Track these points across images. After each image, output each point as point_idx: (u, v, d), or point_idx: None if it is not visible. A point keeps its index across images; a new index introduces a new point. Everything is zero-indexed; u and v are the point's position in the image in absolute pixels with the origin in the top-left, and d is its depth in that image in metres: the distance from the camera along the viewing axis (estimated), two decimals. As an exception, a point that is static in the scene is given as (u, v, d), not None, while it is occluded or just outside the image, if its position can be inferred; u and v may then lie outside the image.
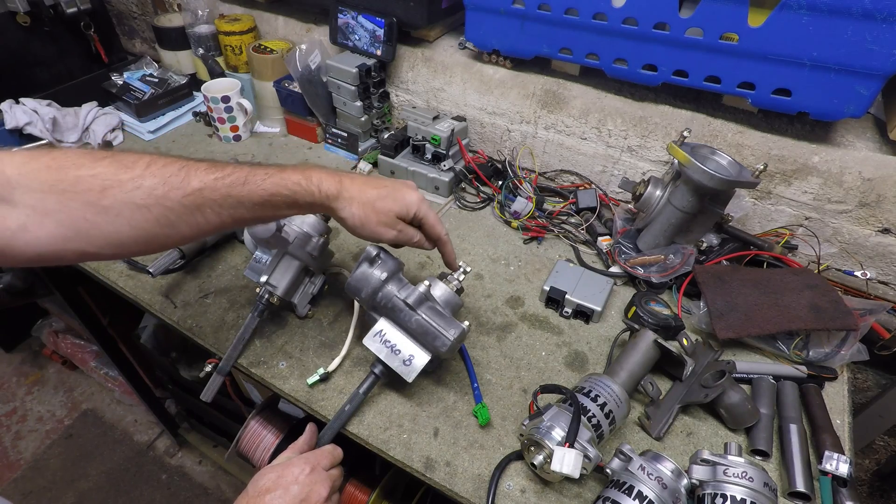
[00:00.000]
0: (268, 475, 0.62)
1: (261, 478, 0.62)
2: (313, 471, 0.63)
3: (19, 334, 2.26)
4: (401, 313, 0.74)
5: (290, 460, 0.64)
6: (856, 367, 1.10)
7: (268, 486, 0.61)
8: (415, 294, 0.73)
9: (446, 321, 0.73)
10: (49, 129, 1.22)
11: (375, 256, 0.75)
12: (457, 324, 0.73)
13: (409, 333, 0.74)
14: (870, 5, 0.74)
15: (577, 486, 0.69)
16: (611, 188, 1.16)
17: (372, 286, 0.75)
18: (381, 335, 0.74)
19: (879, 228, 0.93)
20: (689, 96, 1.05)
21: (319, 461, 0.65)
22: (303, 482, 0.61)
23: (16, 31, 1.45)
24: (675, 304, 0.92)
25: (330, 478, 0.64)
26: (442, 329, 0.72)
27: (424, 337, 0.73)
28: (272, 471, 0.63)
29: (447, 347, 0.71)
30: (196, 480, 1.91)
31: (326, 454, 0.67)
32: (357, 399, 0.74)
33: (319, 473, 0.63)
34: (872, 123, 1.00)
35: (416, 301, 0.73)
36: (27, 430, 2.02)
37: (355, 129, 1.27)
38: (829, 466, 0.66)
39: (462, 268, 0.80)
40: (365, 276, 0.75)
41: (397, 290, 0.74)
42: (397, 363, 0.73)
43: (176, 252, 0.91)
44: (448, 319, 0.73)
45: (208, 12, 1.42)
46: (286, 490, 0.60)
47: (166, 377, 1.67)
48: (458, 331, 0.72)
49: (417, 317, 0.72)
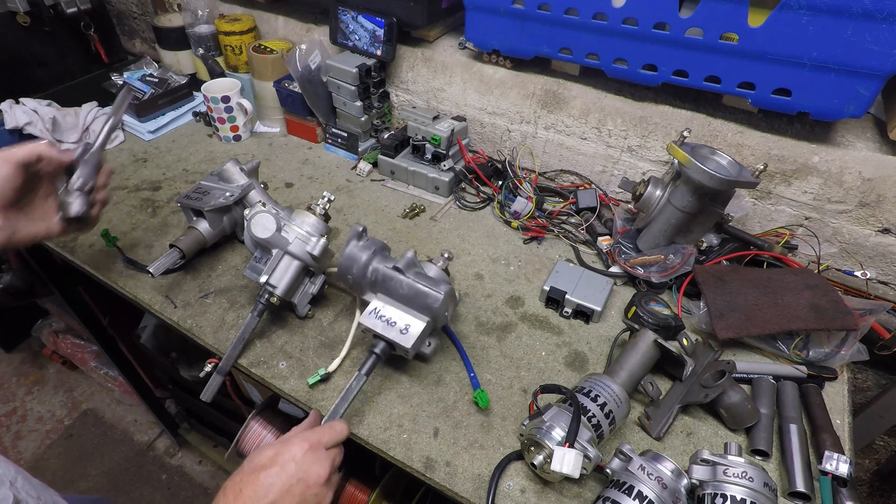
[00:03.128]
0: (265, 452, 0.59)
1: (258, 454, 0.59)
2: (312, 449, 0.59)
3: (19, 334, 2.26)
4: (391, 281, 0.76)
5: (289, 438, 0.61)
6: (856, 367, 1.10)
7: (264, 463, 0.57)
8: (403, 259, 0.76)
9: (435, 281, 0.76)
10: (49, 128, 1.22)
11: (362, 233, 0.79)
12: (446, 283, 0.76)
13: (402, 301, 0.77)
14: (870, 5, 0.74)
15: (577, 486, 0.69)
16: (611, 188, 1.16)
17: (362, 262, 0.78)
18: (376, 311, 0.77)
19: (879, 228, 0.93)
20: (689, 96, 1.05)
21: (321, 438, 0.61)
22: (300, 460, 0.58)
23: (16, 31, 1.45)
24: (675, 304, 0.92)
25: (329, 456, 0.61)
26: (432, 287, 0.74)
27: (416, 299, 0.75)
28: (270, 448, 0.59)
29: (439, 303, 0.73)
30: (196, 480, 1.91)
31: (327, 430, 0.63)
32: (360, 380, 0.73)
33: (318, 452, 0.60)
34: (872, 123, 1.00)
35: (406, 265, 0.76)
36: (27, 430, 2.02)
37: (355, 129, 1.27)
38: (829, 466, 0.66)
39: (445, 254, 0.81)
40: (354, 254, 0.78)
41: (386, 262, 0.78)
42: (394, 333, 0.75)
43: (176, 252, 0.91)
44: (437, 280, 0.76)
45: (208, 12, 1.42)
46: (283, 468, 0.57)
47: (166, 377, 1.67)
48: (448, 287, 0.75)
49: (407, 279, 0.75)
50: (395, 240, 1.07)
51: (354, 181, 1.24)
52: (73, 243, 1.03)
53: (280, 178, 1.24)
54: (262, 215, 0.84)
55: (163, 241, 1.04)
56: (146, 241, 1.04)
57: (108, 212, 1.10)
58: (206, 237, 0.95)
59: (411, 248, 0.78)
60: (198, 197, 0.95)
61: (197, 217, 0.96)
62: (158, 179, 1.21)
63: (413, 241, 1.07)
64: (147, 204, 1.13)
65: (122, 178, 1.21)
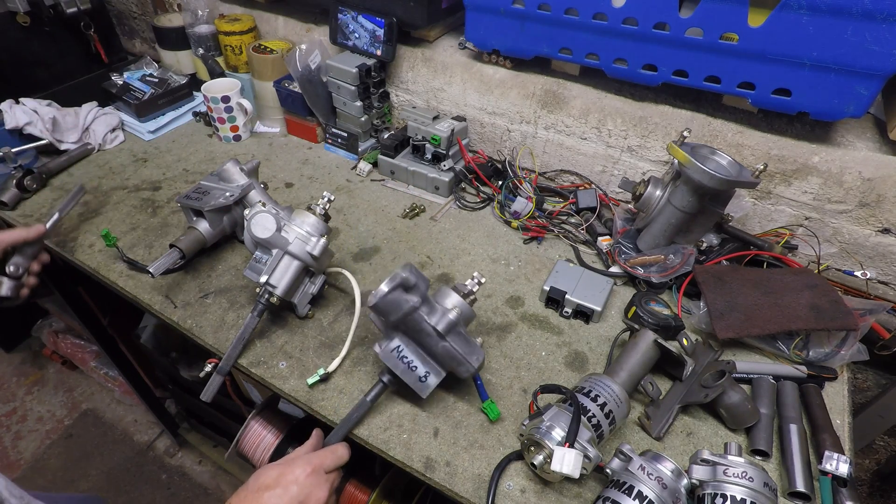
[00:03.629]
0: (269, 472, 0.62)
1: (262, 474, 0.62)
2: (314, 472, 0.63)
3: (19, 334, 2.26)
4: (428, 338, 0.72)
5: (292, 459, 0.64)
6: (856, 367, 1.10)
7: (268, 483, 0.60)
8: (445, 321, 0.71)
9: (470, 347, 0.73)
10: (49, 129, 1.22)
11: (414, 286, 0.70)
12: (478, 350, 0.74)
13: (430, 355, 0.74)
14: (870, 5, 0.74)
15: (577, 486, 0.69)
16: (611, 188, 1.16)
17: (403, 312, 0.70)
18: (398, 351, 0.74)
19: (879, 228, 0.93)
20: (689, 96, 1.05)
21: (323, 462, 0.65)
22: (302, 483, 0.61)
23: (16, 31, 1.45)
24: (675, 304, 0.92)
25: (329, 480, 0.64)
26: (467, 357, 0.72)
27: (448, 362, 0.73)
28: (274, 468, 0.63)
29: (469, 374, 0.73)
30: (196, 480, 1.91)
31: (329, 454, 0.67)
32: (364, 406, 0.74)
33: (320, 475, 0.63)
34: (872, 123, 1.00)
35: (446, 329, 0.71)
36: (27, 430, 2.02)
37: (355, 129, 1.27)
38: (829, 466, 0.66)
39: (476, 278, 0.77)
40: (398, 302, 0.70)
41: (427, 313, 0.71)
42: (412, 379, 0.73)
43: (176, 252, 0.91)
44: (471, 346, 0.73)
45: (208, 12, 1.42)
46: (285, 489, 0.60)
47: (166, 377, 1.67)
48: (481, 358, 0.73)
49: (445, 343, 0.72)
50: (395, 240, 1.07)
51: (354, 181, 1.24)
52: (73, 243, 1.03)
53: (280, 178, 1.24)
54: (262, 215, 0.84)
55: (163, 241, 1.04)
56: (146, 241, 1.04)
57: (109, 212, 1.10)
58: (206, 237, 0.95)
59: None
60: (198, 197, 0.95)
61: (197, 217, 0.96)
62: (158, 179, 1.21)
63: (413, 241, 1.07)
64: (147, 204, 1.13)
65: (122, 178, 1.21)
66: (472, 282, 0.77)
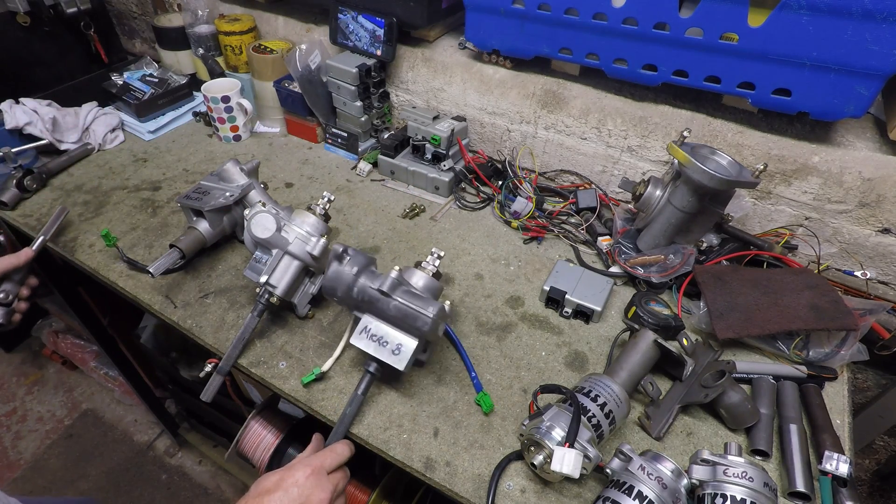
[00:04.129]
0: (270, 478, 0.62)
1: (263, 480, 0.62)
2: (315, 473, 0.63)
3: (19, 334, 2.26)
4: (378, 303, 0.74)
5: (293, 464, 0.64)
6: (856, 367, 1.10)
7: (268, 488, 0.61)
8: (387, 280, 0.73)
9: (423, 301, 0.73)
10: (49, 129, 1.22)
11: (342, 253, 0.75)
12: (435, 302, 0.73)
13: (391, 323, 0.75)
14: (870, 5, 0.74)
15: (577, 486, 0.69)
16: (611, 188, 1.16)
17: (345, 283, 0.74)
18: (367, 330, 0.75)
19: (879, 228, 0.93)
20: (689, 96, 1.05)
21: (322, 462, 0.65)
22: (303, 485, 0.61)
23: (16, 31, 1.45)
24: (675, 304, 0.92)
25: (332, 480, 0.64)
26: (420, 309, 0.72)
27: (405, 321, 0.73)
28: (275, 474, 0.63)
29: (428, 326, 0.71)
30: (196, 480, 1.91)
31: (329, 454, 0.67)
32: (357, 400, 0.74)
33: (321, 476, 0.63)
34: (872, 123, 1.00)
35: (390, 287, 0.73)
36: (27, 430, 2.02)
37: (355, 129, 1.27)
38: (829, 466, 0.66)
39: (435, 253, 0.80)
40: (337, 275, 0.75)
41: (370, 282, 0.74)
42: (386, 354, 0.73)
43: (176, 252, 0.91)
44: (425, 299, 0.74)
45: (208, 12, 1.42)
46: (286, 492, 0.60)
47: (166, 377, 1.67)
48: (437, 308, 0.72)
49: (395, 302, 0.73)
50: (395, 240, 1.07)
51: (354, 181, 1.24)
52: (73, 243, 1.03)
53: (280, 178, 1.24)
54: (262, 215, 0.84)
55: (163, 241, 1.04)
56: (146, 241, 1.04)
57: (109, 212, 1.10)
58: (206, 237, 0.95)
59: (396, 264, 0.76)
60: (198, 197, 0.95)
61: (197, 217, 0.96)
62: (158, 179, 1.21)
63: (413, 241, 1.07)
64: (147, 204, 1.13)
65: (122, 178, 1.21)
66: (432, 257, 0.79)
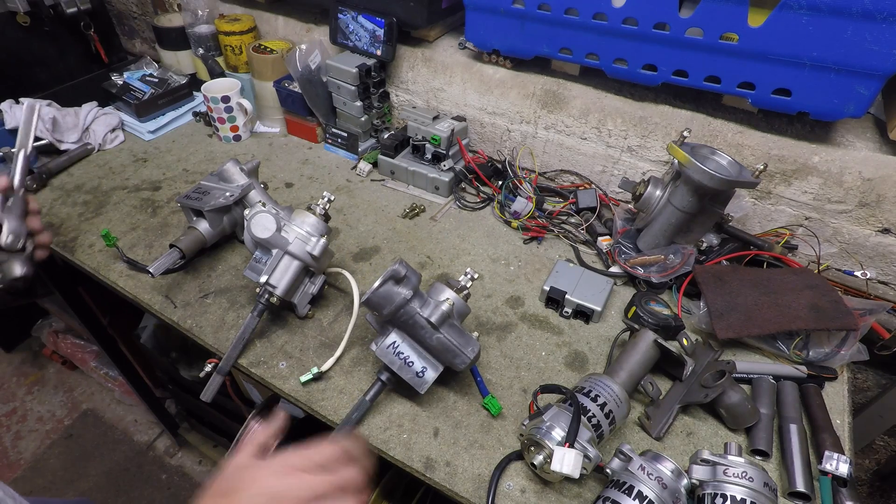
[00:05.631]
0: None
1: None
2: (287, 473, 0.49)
3: (19, 334, 2.26)
4: (422, 330, 0.72)
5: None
6: (856, 367, 1.10)
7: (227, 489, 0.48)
8: (438, 313, 0.71)
9: (464, 339, 0.73)
10: (49, 129, 1.22)
11: (404, 277, 0.71)
12: (473, 341, 0.74)
13: (425, 348, 0.74)
14: (870, 5, 0.74)
15: (577, 486, 0.69)
16: (611, 188, 1.16)
17: (395, 304, 0.71)
18: (395, 347, 0.74)
19: (879, 228, 0.93)
20: (689, 96, 1.05)
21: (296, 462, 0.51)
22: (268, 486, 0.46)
23: (16, 31, 1.45)
24: (675, 304, 0.92)
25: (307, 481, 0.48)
26: (461, 348, 0.72)
27: (443, 354, 0.73)
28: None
29: (465, 365, 0.73)
30: (196, 480, 1.91)
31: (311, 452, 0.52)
32: (363, 406, 0.74)
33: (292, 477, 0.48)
34: (872, 123, 1.00)
35: (440, 320, 0.72)
36: (27, 430, 2.02)
37: (355, 129, 1.27)
38: (829, 466, 0.66)
39: (470, 274, 0.78)
40: (389, 295, 0.71)
41: (419, 306, 0.72)
42: (410, 375, 0.73)
43: (176, 252, 0.91)
44: (466, 337, 0.74)
45: (208, 12, 1.42)
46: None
47: (166, 377, 1.67)
48: (476, 349, 0.73)
49: (439, 335, 0.72)
50: (394, 240, 1.07)
51: (354, 181, 1.24)
52: (73, 243, 1.03)
53: (280, 178, 1.24)
54: (262, 215, 0.84)
55: (163, 241, 1.04)
56: (146, 241, 1.04)
57: (109, 212, 1.10)
58: (206, 237, 0.95)
59: (446, 296, 0.73)
60: (198, 197, 0.95)
61: (197, 217, 0.96)
62: (158, 179, 1.21)
63: (413, 241, 1.07)
64: (147, 204, 1.13)
65: (122, 178, 1.21)
66: (466, 277, 0.78)
